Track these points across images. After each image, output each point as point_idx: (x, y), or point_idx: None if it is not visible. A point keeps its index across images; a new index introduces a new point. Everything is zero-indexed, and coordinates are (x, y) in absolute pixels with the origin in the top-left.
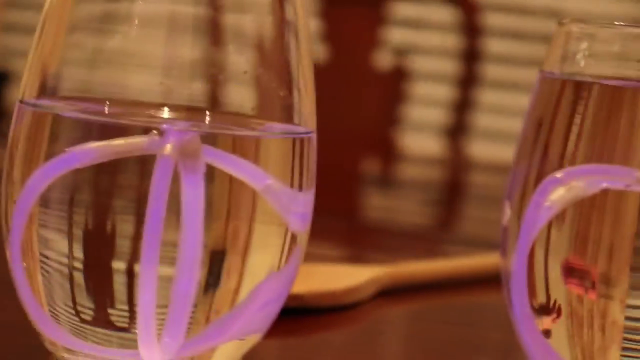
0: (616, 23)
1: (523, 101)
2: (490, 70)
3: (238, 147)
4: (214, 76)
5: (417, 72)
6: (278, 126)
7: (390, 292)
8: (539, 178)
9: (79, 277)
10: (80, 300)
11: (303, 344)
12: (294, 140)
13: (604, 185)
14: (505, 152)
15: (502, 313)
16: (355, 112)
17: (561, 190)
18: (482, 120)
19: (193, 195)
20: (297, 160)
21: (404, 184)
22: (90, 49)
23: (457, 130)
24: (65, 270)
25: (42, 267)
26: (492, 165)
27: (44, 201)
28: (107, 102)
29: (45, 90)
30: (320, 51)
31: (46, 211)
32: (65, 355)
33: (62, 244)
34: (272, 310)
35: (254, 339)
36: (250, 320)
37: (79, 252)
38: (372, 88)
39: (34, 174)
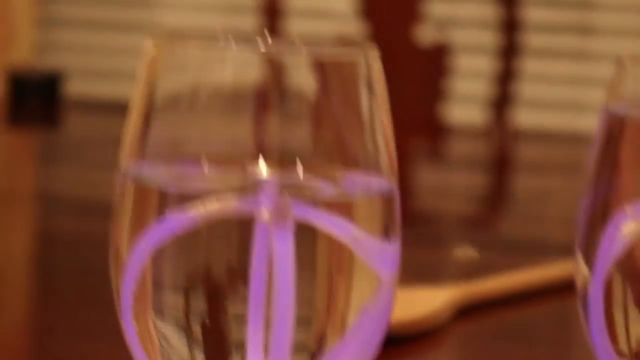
0: None
1: (565, 68)
2: (532, 39)
3: (326, 203)
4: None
5: (459, 45)
6: (363, 180)
7: (466, 311)
8: (607, 215)
9: (185, 341)
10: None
11: None
12: (379, 196)
13: None
14: (550, 120)
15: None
16: (399, 89)
17: (632, 225)
18: (526, 89)
19: (284, 253)
20: (383, 214)
21: (453, 159)
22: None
23: (502, 101)
24: (174, 334)
25: (153, 331)
26: (539, 134)
27: (149, 269)
28: (202, 160)
29: (143, 155)
30: (360, 27)
31: (152, 279)
32: None
33: (169, 310)
34: (368, 352)
35: None
36: None
37: (187, 317)
38: (414, 63)
39: (136, 244)
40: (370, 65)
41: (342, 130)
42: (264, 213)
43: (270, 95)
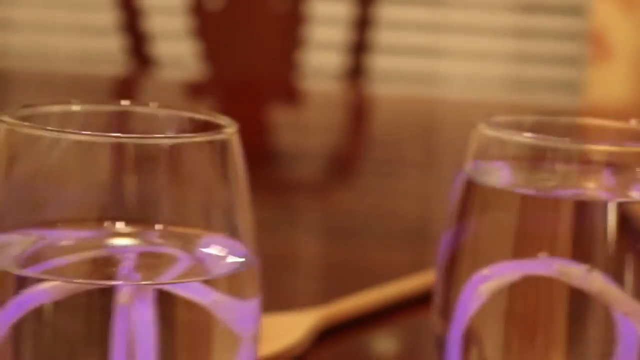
0: (526, 134)
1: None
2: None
3: (185, 270)
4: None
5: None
6: (222, 244)
7: (325, 335)
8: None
9: None
10: None
11: None
12: (238, 261)
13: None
14: (402, 91)
15: None
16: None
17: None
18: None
19: (144, 323)
20: (241, 277)
21: (309, 128)
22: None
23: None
24: None
25: None
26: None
27: (8, 345)
28: (57, 228)
29: None
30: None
31: (10, 355)
32: None
33: None
34: None
35: None
36: None
37: None
38: (269, 32)
39: None
40: (228, 142)
41: (201, 194)
42: (122, 287)
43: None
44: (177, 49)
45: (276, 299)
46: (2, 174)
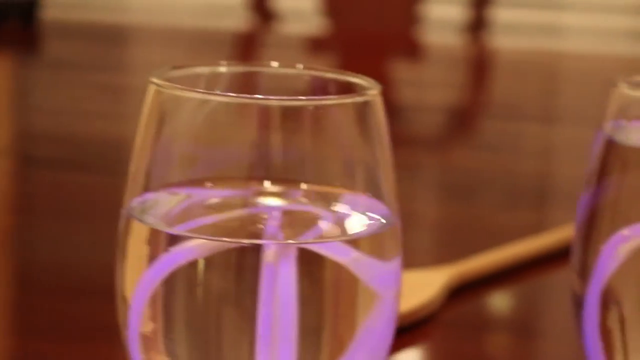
0: None
1: None
2: None
3: (328, 228)
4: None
5: None
6: (365, 204)
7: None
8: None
9: None
10: None
11: None
12: (382, 224)
13: None
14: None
15: None
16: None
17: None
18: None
19: (287, 282)
20: (384, 238)
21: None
22: (181, 142)
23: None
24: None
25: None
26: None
27: (155, 307)
28: (205, 189)
29: (146, 191)
30: None
31: (159, 317)
32: None
33: (178, 337)
34: None
35: None
36: None
37: (194, 353)
38: None
39: (143, 278)
40: (371, 104)
41: (343, 152)
42: (268, 246)
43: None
44: (298, 3)
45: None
46: (151, 134)
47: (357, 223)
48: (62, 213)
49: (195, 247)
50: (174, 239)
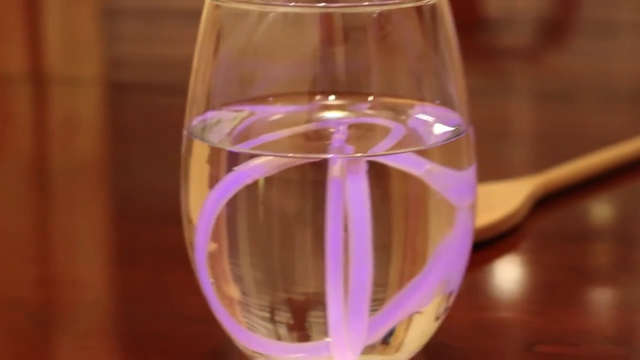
0: None
1: None
2: None
3: (398, 139)
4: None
5: None
6: (435, 113)
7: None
8: None
9: (265, 291)
10: (269, 307)
11: (480, 284)
12: (451, 130)
13: None
14: None
15: None
16: None
17: None
18: None
19: (358, 196)
20: (456, 146)
21: None
22: (243, 57)
23: None
24: (253, 286)
25: (231, 285)
26: None
27: (222, 224)
28: (269, 104)
29: (208, 109)
30: None
31: (226, 234)
32: (259, 358)
33: (245, 257)
34: (451, 280)
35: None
36: (426, 293)
37: (264, 269)
38: None
39: (208, 198)
40: (437, 7)
41: (411, 62)
42: (335, 160)
43: (336, 29)
44: None
45: (491, 168)
46: (210, 51)
47: (429, 133)
48: (154, 137)
49: (260, 165)
50: (237, 158)
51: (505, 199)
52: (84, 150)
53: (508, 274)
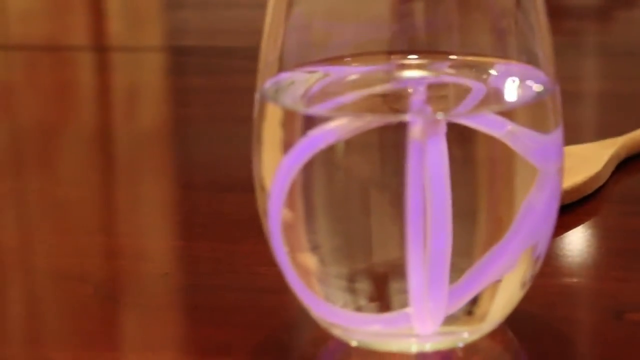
0: None
1: None
2: None
3: (479, 101)
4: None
5: None
6: (519, 72)
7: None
8: None
9: (342, 261)
10: (347, 277)
11: (563, 250)
12: (536, 91)
13: None
14: None
15: None
16: None
17: None
18: None
19: (437, 160)
20: (541, 108)
21: None
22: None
23: None
24: (330, 255)
25: (307, 255)
26: None
27: (297, 192)
28: (344, 65)
29: (280, 70)
30: None
31: (301, 202)
32: (336, 330)
33: (322, 225)
34: (537, 247)
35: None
36: (510, 259)
37: (342, 238)
38: None
39: (282, 164)
40: None
41: (493, 19)
42: (415, 122)
43: None
44: None
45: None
46: (282, 10)
47: (512, 92)
48: (218, 102)
49: (335, 128)
50: (312, 121)
51: (587, 161)
52: (148, 118)
53: (592, 239)
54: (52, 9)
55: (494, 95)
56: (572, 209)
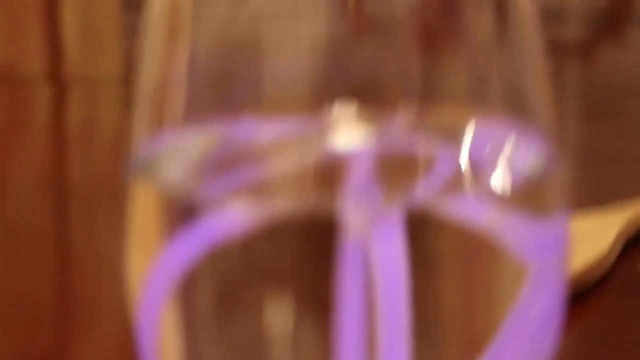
0: None
1: None
2: None
3: (448, 178)
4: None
5: None
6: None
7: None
8: None
9: None
10: None
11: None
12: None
13: None
14: None
15: None
16: None
17: None
18: None
19: (389, 258)
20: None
21: None
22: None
23: None
24: None
25: None
26: None
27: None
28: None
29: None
30: None
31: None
32: None
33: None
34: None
35: None
36: None
37: None
38: None
39: (157, 266)
40: None
41: (466, 62)
42: (354, 211)
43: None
44: None
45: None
46: (164, 47)
47: (495, 166)
48: None
49: (235, 218)
50: (202, 206)
51: (587, 240)
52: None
53: (590, 347)
54: (4, 33)
55: (471, 169)
56: (574, 302)
